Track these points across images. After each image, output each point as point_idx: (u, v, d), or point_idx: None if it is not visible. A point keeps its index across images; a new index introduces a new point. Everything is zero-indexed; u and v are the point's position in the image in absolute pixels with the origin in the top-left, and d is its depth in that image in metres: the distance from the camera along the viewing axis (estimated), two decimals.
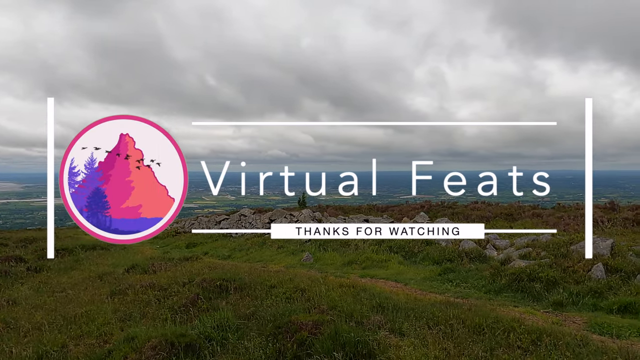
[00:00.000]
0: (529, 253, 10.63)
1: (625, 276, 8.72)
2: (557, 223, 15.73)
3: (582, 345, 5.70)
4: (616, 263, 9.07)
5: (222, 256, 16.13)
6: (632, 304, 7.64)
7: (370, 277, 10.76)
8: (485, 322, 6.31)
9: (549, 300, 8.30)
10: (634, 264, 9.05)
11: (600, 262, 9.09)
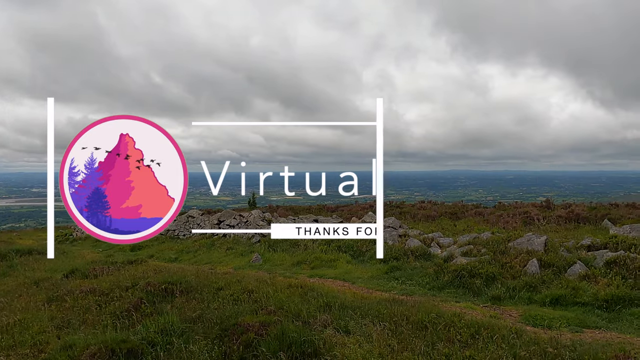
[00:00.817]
0: (470, 250, 11.08)
1: (557, 270, 9.27)
2: (497, 221, 16.47)
3: (516, 337, 5.99)
4: (549, 258, 9.62)
5: (168, 259, 15.73)
6: (562, 297, 8.14)
7: (319, 277, 10.85)
8: (428, 318, 6.51)
9: (488, 295, 8.69)
10: (565, 259, 9.64)
11: (535, 258, 9.61)
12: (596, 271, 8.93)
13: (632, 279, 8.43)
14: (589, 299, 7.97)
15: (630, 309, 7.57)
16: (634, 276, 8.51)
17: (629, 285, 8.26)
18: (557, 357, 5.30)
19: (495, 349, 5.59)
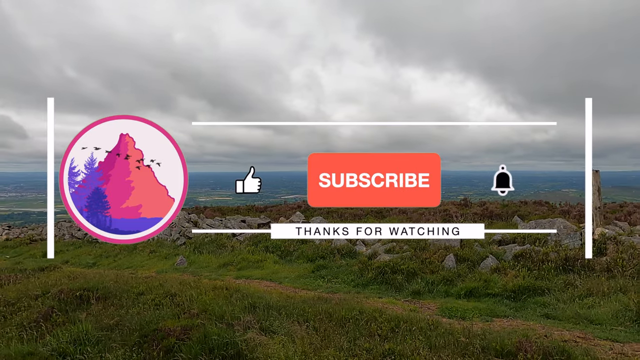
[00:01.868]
0: (393, 247, 11.49)
1: (472, 264, 9.87)
2: (419, 219, 17.19)
3: (433, 328, 6.31)
4: (464, 253, 10.21)
5: (85, 264, 14.88)
6: (476, 289, 8.68)
7: (246, 278, 10.76)
8: (351, 314, 6.68)
9: (409, 290, 9.07)
10: (478, 253, 10.27)
11: (452, 253, 10.16)
12: (506, 264, 9.60)
13: (536, 270, 9.16)
14: (499, 290, 8.56)
15: (534, 297, 8.22)
16: (538, 267, 9.25)
17: (534, 276, 8.97)
18: (469, 345, 5.64)
19: (413, 340, 5.85)
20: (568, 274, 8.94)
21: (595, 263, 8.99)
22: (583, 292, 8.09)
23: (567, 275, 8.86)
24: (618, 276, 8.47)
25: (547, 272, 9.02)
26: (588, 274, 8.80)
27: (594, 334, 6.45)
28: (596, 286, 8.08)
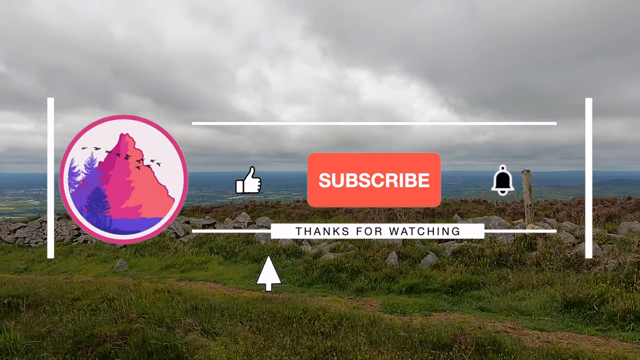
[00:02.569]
0: (338, 246, 11.64)
1: (413, 261, 10.18)
2: (364, 218, 17.50)
3: (374, 324, 6.46)
4: (406, 251, 10.52)
5: (16, 270, 14.03)
6: (416, 285, 8.96)
7: (189, 280, 10.55)
8: (295, 314, 6.72)
9: (353, 288, 9.23)
10: (419, 250, 10.61)
11: (394, 251, 10.43)
12: (445, 260, 9.98)
13: (473, 266, 9.59)
14: (438, 285, 8.88)
15: (470, 291, 8.60)
16: (474, 263, 9.68)
17: (470, 271, 9.38)
18: (408, 339, 5.82)
19: (354, 337, 5.96)
20: (502, 269, 9.41)
21: (526, 257, 9.53)
22: (515, 285, 8.54)
23: (501, 270, 9.33)
24: (546, 269, 9.02)
25: (483, 267, 9.47)
26: (520, 268, 9.32)
27: (524, 324, 6.83)
28: (527, 279, 8.57)
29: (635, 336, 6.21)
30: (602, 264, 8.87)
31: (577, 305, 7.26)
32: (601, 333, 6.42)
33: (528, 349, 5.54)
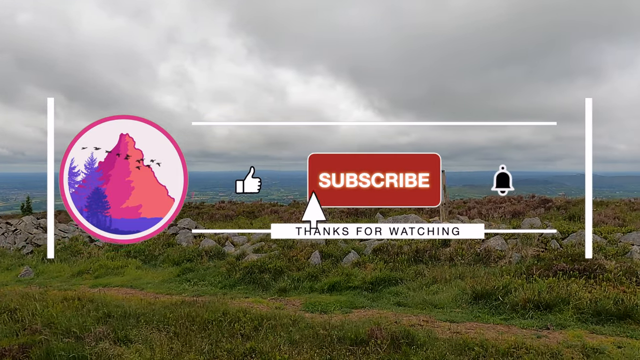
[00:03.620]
0: (262, 247, 11.58)
1: (335, 260, 10.37)
2: (289, 218, 17.56)
3: (295, 324, 6.51)
4: (329, 249, 10.69)
5: None
6: (338, 283, 9.13)
7: (103, 286, 10.00)
8: (214, 317, 6.60)
9: (276, 288, 9.23)
10: (342, 249, 10.82)
11: (317, 250, 10.56)
12: (365, 258, 10.27)
13: (392, 262, 9.95)
14: (359, 282, 9.11)
15: (389, 287, 8.92)
16: (393, 260, 10.05)
17: (390, 267, 9.73)
18: (327, 337, 5.92)
19: (275, 337, 5.97)
20: (419, 265, 9.85)
21: (440, 253, 10.05)
22: (430, 280, 8.98)
23: (417, 266, 9.76)
24: (458, 264, 9.57)
25: (401, 263, 9.85)
26: (434, 264, 9.80)
27: (437, 316, 7.21)
28: (440, 274, 9.04)
29: (534, 323, 6.77)
30: (507, 258, 9.57)
31: (485, 296, 7.77)
32: (505, 322, 6.93)
33: (439, 340, 5.85)
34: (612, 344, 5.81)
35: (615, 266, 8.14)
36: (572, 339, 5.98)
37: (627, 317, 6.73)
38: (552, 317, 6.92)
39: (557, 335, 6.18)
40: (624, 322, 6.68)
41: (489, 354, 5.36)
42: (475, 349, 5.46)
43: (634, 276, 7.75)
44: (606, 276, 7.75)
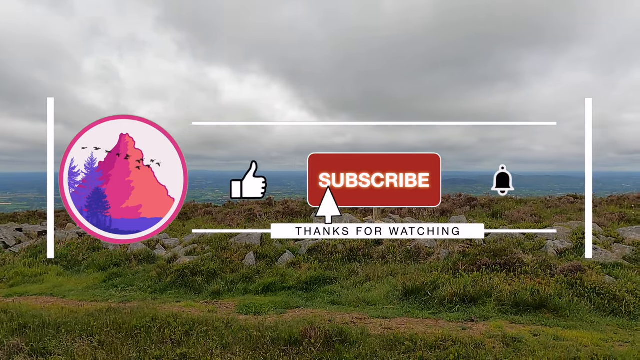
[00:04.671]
0: (194, 249, 11.28)
1: (270, 261, 10.31)
2: (224, 219, 17.24)
3: (228, 327, 6.39)
4: (264, 250, 10.61)
5: None
6: (272, 284, 9.09)
7: (20, 295, 9.29)
8: (143, 323, 6.33)
9: (209, 291, 9.03)
10: (277, 249, 10.79)
11: (252, 251, 10.45)
12: (300, 258, 10.30)
13: (326, 262, 10.05)
14: (293, 282, 9.12)
15: (324, 286, 9.00)
16: (328, 259, 10.15)
17: (324, 267, 9.82)
18: (261, 338, 5.87)
19: (207, 341, 5.83)
20: (353, 263, 10.03)
21: (373, 252, 10.28)
22: (363, 277, 9.16)
23: (351, 264, 9.93)
24: (390, 262, 9.84)
25: (336, 262, 9.98)
26: (368, 262, 10.02)
27: (370, 313, 7.36)
28: (373, 272, 9.25)
29: (460, 316, 7.10)
30: (436, 255, 9.97)
31: (415, 292, 8.05)
32: (433, 316, 7.21)
33: (372, 336, 5.97)
34: (529, 332, 6.22)
35: (532, 260, 8.73)
36: (493, 329, 6.33)
37: (543, 306, 7.23)
38: (476, 310, 7.30)
39: (480, 327, 6.52)
40: (539, 312, 7.18)
41: (417, 348, 5.55)
42: (405, 343, 5.64)
43: (549, 268, 8.35)
44: (524, 269, 8.29)
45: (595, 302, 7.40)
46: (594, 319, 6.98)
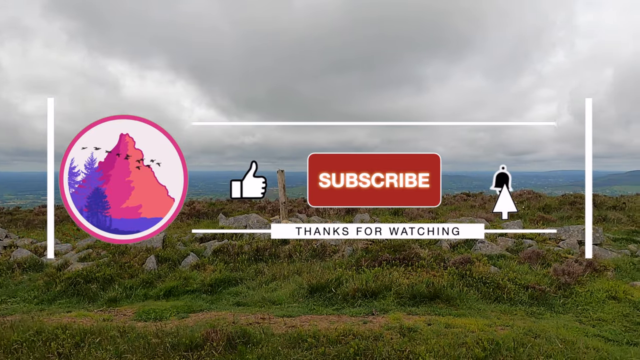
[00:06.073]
0: (89, 254, 10.53)
1: (173, 264, 9.93)
2: None
3: (124, 335, 6.04)
4: (166, 253, 10.19)
5: None
6: (175, 288, 8.76)
7: None
8: (25, 337, 5.78)
9: (104, 299, 8.47)
10: (180, 252, 10.42)
11: (153, 255, 9.99)
12: (205, 260, 10.03)
13: (232, 263, 9.89)
14: (197, 285, 8.86)
15: (229, 288, 8.85)
16: (234, 260, 10.00)
17: (230, 268, 9.66)
18: (160, 345, 5.62)
19: (100, 352, 5.47)
20: (259, 263, 9.98)
21: (280, 251, 10.31)
22: (269, 277, 9.16)
23: (258, 264, 9.88)
24: (296, 260, 9.93)
25: (242, 263, 9.86)
26: (274, 261, 10.03)
27: (275, 313, 7.37)
28: (279, 271, 9.28)
29: (362, 310, 7.36)
30: (341, 252, 10.24)
31: (320, 289, 8.20)
32: (336, 312, 7.40)
33: (275, 335, 5.98)
34: (424, 322, 6.61)
35: (428, 254, 9.30)
36: (392, 321, 6.64)
37: (437, 297, 7.73)
38: (377, 304, 7.61)
39: (380, 320, 6.81)
40: (434, 302, 7.66)
41: (320, 344, 5.65)
42: (308, 340, 5.72)
43: (442, 261, 8.94)
44: (421, 263, 8.81)
45: (482, 290, 8.06)
46: (481, 307, 7.60)
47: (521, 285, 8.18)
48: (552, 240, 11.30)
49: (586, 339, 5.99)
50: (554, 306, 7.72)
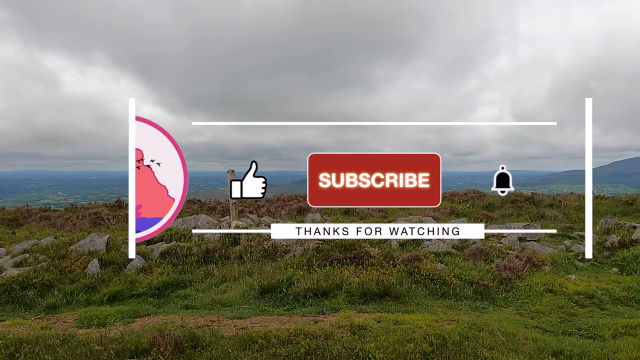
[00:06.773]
0: (26, 259, 9.95)
1: (118, 267, 9.56)
2: (64, 224, 15.54)
3: (64, 343, 5.76)
4: (110, 257, 9.80)
5: None
6: (120, 292, 8.44)
7: None
8: None
9: (43, 305, 8.03)
10: (125, 255, 10.04)
11: (96, 258, 9.58)
12: (152, 262, 9.73)
13: (181, 265, 9.65)
14: (144, 289, 8.58)
15: (177, 291, 8.63)
16: (182, 262, 9.76)
17: (178, 270, 9.42)
18: (103, 352, 5.40)
19: None
20: (209, 265, 9.79)
21: (230, 252, 10.17)
22: (219, 279, 9.00)
23: (207, 266, 9.69)
24: (247, 261, 9.82)
25: (191, 265, 9.64)
26: (225, 263, 9.87)
27: (225, 315, 7.25)
28: (230, 272, 9.14)
29: (313, 310, 7.38)
30: (292, 252, 10.22)
31: (271, 290, 8.15)
32: (288, 312, 7.38)
33: (225, 338, 5.88)
34: (374, 320, 6.71)
35: (377, 252, 9.45)
36: (342, 320, 6.70)
37: (386, 295, 7.87)
38: (328, 303, 7.65)
39: (331, 319, 6.85)
40: (383, 300, 7.80)
41: (271, 345, 5.61)
42: (258, 341, 5.67)
43: (392, 260, 9.12)
44: (371, 262, 8.94)
45: (429, 287, 8.28)
46: (428, 303, 7.82)
47: (466, 281, 8.48)
48: (495, 237, 11.79)
49: (525, 331, 6.28)
50: (496, 300, 8.05)
